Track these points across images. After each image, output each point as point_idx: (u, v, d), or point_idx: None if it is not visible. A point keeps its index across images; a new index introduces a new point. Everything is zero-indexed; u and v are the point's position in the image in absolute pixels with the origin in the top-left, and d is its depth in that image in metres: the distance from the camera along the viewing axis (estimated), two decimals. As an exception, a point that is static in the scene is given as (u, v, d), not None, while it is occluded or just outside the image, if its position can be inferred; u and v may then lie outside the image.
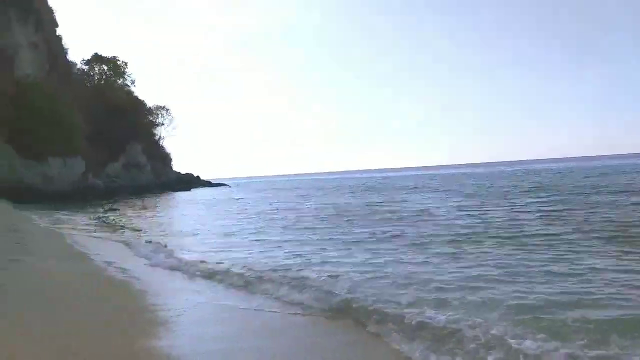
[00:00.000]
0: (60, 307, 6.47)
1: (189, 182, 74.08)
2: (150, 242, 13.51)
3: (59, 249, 12.54)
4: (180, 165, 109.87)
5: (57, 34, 55.75)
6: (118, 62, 65.26)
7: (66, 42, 58.73)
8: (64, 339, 5.03)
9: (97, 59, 64.11)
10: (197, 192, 61.20)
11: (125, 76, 66.14)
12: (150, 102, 71.73)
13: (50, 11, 54.93)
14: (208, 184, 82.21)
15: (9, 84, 39.09)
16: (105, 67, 64.43)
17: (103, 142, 54.37)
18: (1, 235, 12.12)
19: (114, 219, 22.84)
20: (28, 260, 9.32)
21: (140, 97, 69.14)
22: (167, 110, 73.77)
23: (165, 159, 72.15)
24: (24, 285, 7.17)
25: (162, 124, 73.06)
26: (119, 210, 29.44)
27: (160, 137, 72.97)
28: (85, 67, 63.69)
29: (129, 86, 66.64)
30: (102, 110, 56.30)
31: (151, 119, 70.52)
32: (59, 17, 59.13)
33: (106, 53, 66.54)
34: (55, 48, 52.52)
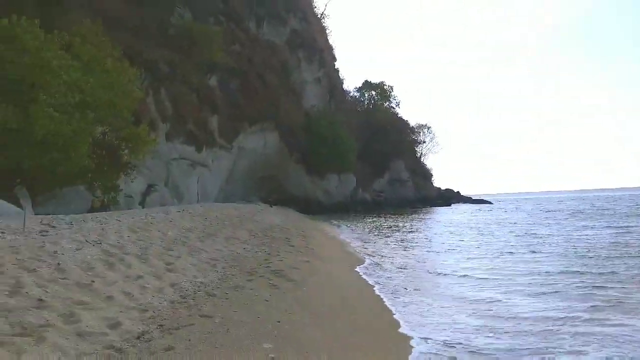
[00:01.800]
0: (337, 306, 7.35)
1: (449, 197, 74.20)
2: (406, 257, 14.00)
3: (337, 254, 14.27)
4: (441, 181, 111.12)
5: (335, 67, 64.10)
6: (384, 87, 70.74)
7: (342, 74, 67.05)
8: (343, 339, 5.71)
9: (366, 85, 70.86)
10: (457, 208, 60.67)
11: (391, 99, 71.10)
12: (412, 121, 75.32)
13: (330, 48, 63.60)
14: (468, 200, 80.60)
15: (300, 114, 46.85)
16: (374, 92, 70.62)
17: (370, 159, 59.56)
18: (297, 240, 14.49)
19: (378, 234, 24.52)
20: (315, 262, 10.90)
21: (404, 117, 73.23)
22: (429, 128, 76.17)
23: (426, 174, 74.13)
24: (313, 283, 8.41)
25: (424, 142, 75.58)
26: (386, 222, 31.54)
27: (421, 153, 75.61)
28: (357, 94, 71.13)
29: (394, 108, 71.38)
30: (370, 131, 61.80)
31: (413, 137, 73.69)
32: (336, 52, 67.97)
33: (374, 79, 73.16)
34: (333, 80, 60.44)
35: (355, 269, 11.51)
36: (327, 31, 64.20)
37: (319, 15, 62.72)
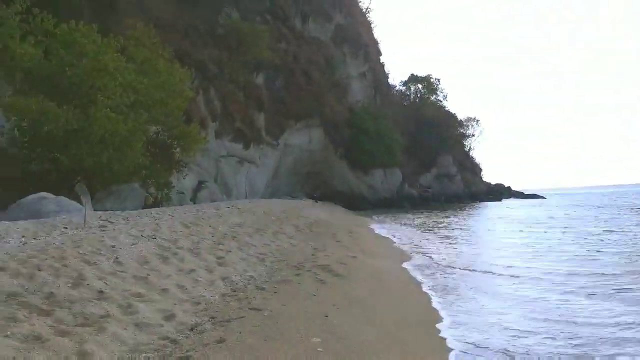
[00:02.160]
0: (384, 302, 7.33)
1: (499, 192, 71.85)
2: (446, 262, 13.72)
3: (383, 250, 14.18)
4: (491, 175, 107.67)
5: (380, 62, 63.49)
6: (431, 80, 69.39)
7: (387, 68, 66.31)
8: (389, 336, 5.70)
9: (413, 79, 69.72)
10: (508, 203, 58.67)
11: (438, 92, 69.67)
12: (461, 114, 73.41)
13: (375, 42, 63.03)
14: (520, 194, 77.83)
15: (345, 110, 46.74)
16: (420, 86, 69.39)
17: (417, 154, 58.64)
18: (343, 236, 14.53)
19: (425, 230, 24.11)
20: (362, 257, 10.91)
21: (452, 110, 71.55)
22: (477, 121, 73.84)
23: (476, 169, 72.17)
24: (359, 278, 8.44)
25: (472, 135, 73.50)
26: (433, 218, 30.99)
27: (470, 147, 73.62)
28: (403, 88, 70.13)
29: (441, 101, 69.90)
30: (416, 125, 60.83)
31: (461, 130, 71.82)
32: (382, 46, 67.34)
33: (421, 72, 71.84)
34: (379, 75, 59.89)
35: (402, 265, 11.41)
36: (372, 25, 63.69)
37: (363, 10, 62.29)
